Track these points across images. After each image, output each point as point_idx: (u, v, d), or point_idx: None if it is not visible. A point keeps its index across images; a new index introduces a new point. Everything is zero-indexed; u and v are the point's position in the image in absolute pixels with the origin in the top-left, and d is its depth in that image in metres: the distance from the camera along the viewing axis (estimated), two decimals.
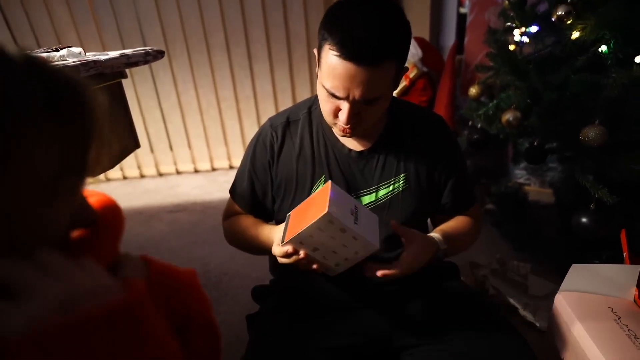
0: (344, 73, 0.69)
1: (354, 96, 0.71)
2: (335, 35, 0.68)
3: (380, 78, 0.70)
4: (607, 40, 1.02)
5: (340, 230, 0.66)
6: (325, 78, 0.72)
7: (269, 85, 2.55)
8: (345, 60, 0.68)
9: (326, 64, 0.71)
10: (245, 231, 0.92)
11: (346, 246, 0.69)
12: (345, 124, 0.75)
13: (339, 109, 0.75)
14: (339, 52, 0.68)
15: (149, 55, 1.04)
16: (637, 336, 0.82)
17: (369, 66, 0.68)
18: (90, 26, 2.24)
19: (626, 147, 1.06)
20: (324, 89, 0.74)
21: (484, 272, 1.33)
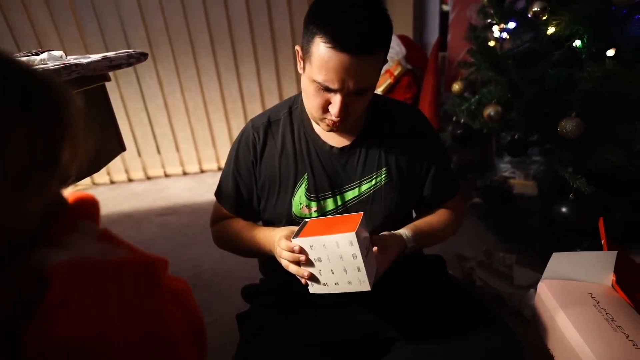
0: (339, 64, 0.69)
1: (348, 87, 0.72)
2: (327, 27, 0.68)
3: (373, 68, 0.73)
4: (581, 35, 1.06)
5: (352, 256, 0.68)
6: (317, 72, 0.73)
7: (255, 86, 2.55)
8: (339, 52, 0.68)
9: (318, 57, 0.71)
10: (239, 233, 0.92)
11: (346, 272, 0.70)
12: (337, 116, 0.76)
13: (328, 102, 0.76)
14: (333, 44, 0.68)
15: (132, 57, 1.04)
16: (614, 319, 0.85)
17: (363, 55, 0.69)
18: (72, 29, 2.21)
19: (601, 138, 1.10)
20: (314, 83, 0.75)
21: (471, 264, 1.36)
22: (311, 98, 0.78)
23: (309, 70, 0.75)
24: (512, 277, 1.30)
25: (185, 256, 1.75)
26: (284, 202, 0.89)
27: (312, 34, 0.71)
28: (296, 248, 0.72)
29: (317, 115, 0.80)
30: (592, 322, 0.85)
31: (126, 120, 2.48)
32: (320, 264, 0.71)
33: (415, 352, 0.87)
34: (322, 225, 0.74)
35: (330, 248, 0.69)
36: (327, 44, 0.69)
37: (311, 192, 0.87)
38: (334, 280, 0.72)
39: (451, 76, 2.15)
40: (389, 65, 2.13)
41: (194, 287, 1.52)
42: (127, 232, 2.01)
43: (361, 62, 0.70)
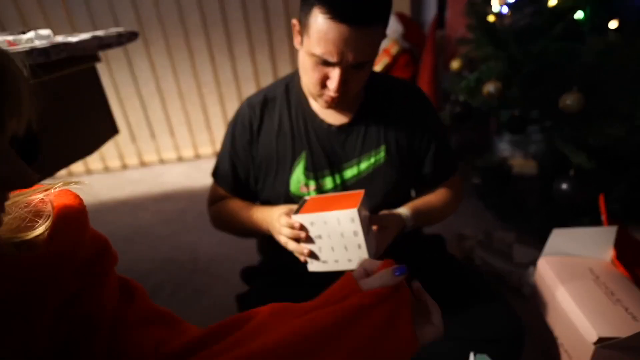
0: (338, 36, 0.68)
1: (347, 59, 0.71)
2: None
3: (372, 40, 0.71)
4: (583, 7, 1.03)
5: (353, 233, 0.67)
6: (315, 45, 0.71)
7: (249, 68, 2.50)
8: (339, 23, 0.67)
9: (316, 30, 0.69)
10: (236, 213, 0.91)
11: (346, 249, 0.70)
12: (336, 91, 0.75)
13: (327, 77, 0.74)
14: (332, 14, 0.67)
15: (122, 36, 1.00)
16: (614, 293, 0.85)
17: (362, 26, 0.68)
18: (59, 11, 2.14)
19: (602, 113, 1.08)
20: (312, 57, 0.73)
21: (471, 244, 1.36)
22: (309, 73, 0.76)
23: (307, 43, 0.73)
24: (511, 256, 1.31)
25: (182, 241, 1.74)
26: (282, 180, 0.88)
27: (310, 5, 0.69)
28: (296, 224, 0.71)
29: (315, 91, 0.78)
30: (592, 296, 0.86)
31: (119, 105, 2.44)
32: (321, 241, 0.70)
33: None
34: (322, 202, 0.73)
35: (331, 225, 0.68)
36: (325, 15, 0.67)
37: (309, 170, 0.86)
38: (334, 257, 0.71)
39: (449, 54, 2.11)
40: (385, 44, 2.09)
41: (192, 272, 1.52)
42: (123, 219, 1.99)
43: (361, 33, 0.68)
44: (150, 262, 1.60)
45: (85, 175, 2.60)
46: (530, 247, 1.33)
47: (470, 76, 1.32)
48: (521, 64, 1.20)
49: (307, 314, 0.44)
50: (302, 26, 0.74)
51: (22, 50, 0.78)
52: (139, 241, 1.78)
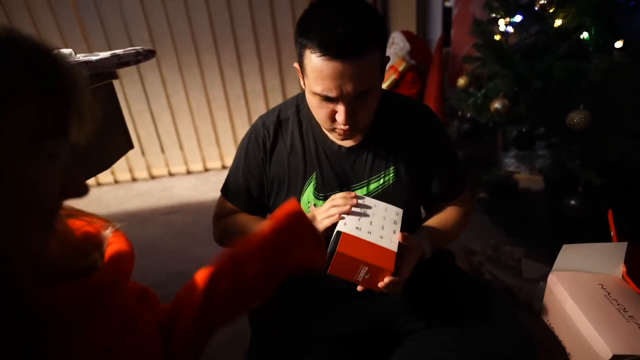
0: (332, 72, 0.69)
1: (347, 92, 0.71)
2: (313, 38, 0.68)
3: (368, 68, 0.71)
4: (588, 27, 1.05)
5: (394, 222, 0.78)
6: (313, 83, 0.72)
7: (258, 84, 2.55)
8: (330, 60, 0.68)
9: (312, 69, 0.71)
10: (247, 224, 0.91)
11: (383, 229, 0.76)
12: (344, 124, 0.75)
13: (334, 112, 0.75)
14: (322, 53, 0.68)
15: (140, 55, 1.04)
16: (626, 309, 0.85)
17: (354, 59, 0.68)
18: (75, 30, 2.21)
19: (609, 130, 1.09)
20: (315, 95, 0.74)
21: (479, 258, 1.36)
22: (317, 111, 0.78)
23: (308, 83, 0.75)
24: (520, 271, 1.30)
25: (191, 255, 1.75)
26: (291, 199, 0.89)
27: (302, 47, 0.71)
28: (352, 193, 0.77)
29: (327, 126, 0.80)
30: (604, 313, 0.85)
31: (130, 120, 2.49)
32: (363, 216, 0.77)
33: (426, 344, 0.87)
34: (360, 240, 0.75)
35: (378, 208, 0.78)
36: (316, 55, 0.69)
37: (319, 191, 0.87)
38: (369, 229, 0.75)
39: (455, 71, 2.14)
40: (393, 61, 2.13)
41: None
42: (131, 232, 2.00)
43: (355, 65, 0.69)
44: (159, 275, 1.60)
45: (96, 187, 2.63)
46: (539, 262, 1.32)
47: (478, 93, 1.34)
48: (528, 81, 1.22)
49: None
50: (301, 67, 0.75)
51: None
52: (147, 254, 1.79)
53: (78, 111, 0.37)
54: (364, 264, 0.70)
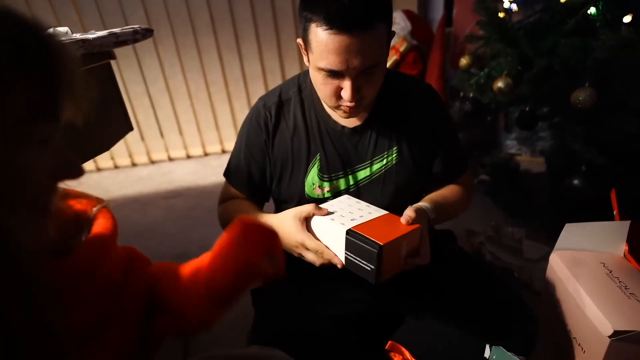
0: (339, 46, 0.67)
1: (354, 67, 0.70)
2: (319, 11, 0.66)
3: (375, 42, 0.70)
4: (596, 2, 1.03)
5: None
6: (319, 59, 0.71)
7: (257, 66, 2.52)
8: (337, 34, 0.66)
9: (317, 44, 0.69)
10: (238, 213, 0.91)
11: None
12: (350, 100, 0.74)
13: (340, 88, 0.74)
14: (328, 26, 0.66)
15: (137, 33, 1.02)
16: (628, 287, 0.85)
17: (362, 32, 0.67)
18: (70, 10, 2.17)
19: (613, 108, 1.08)
20: (320, 71, 0.73)
21: (480, 239, 1.36)
22: (321, 87, 0.76)
23: (312, 59, 0.73)
24: (521, 251, 1.31)
25: (192, 238, 1.75)
26: (296, 182, 0.88)
27: (307, 21, 0.70)
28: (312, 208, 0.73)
29: (331, 103, 0.78)
30: (606, 290, 0.86)
31: (129, 104, 2.46)
32: (345, 210, 0.75)
33: (428, 322, 0.88)
34: (375, 225, 0.71)
35: (340, 202, 0.77)
36: (322, 28, 0.67)
37: (324, 173, 0.87)
38: (361, 214, 0.73)
39: (457, 52, 2.11)
40: (394, 41, 2.09)
41: None
42: (133, 216, 2.01)
43: (362, 38, 0.67)
44: (160, 258, 1.58)
45: (96, 172, 2.62)
46: (540, 243, 1.33)
47: (481, 73, 1.32)
48: (532, 60, 1.20)
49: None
50: (305, 43, 0.74)
51: None
52: (148, 237, 1.79)
53: (71, 92, 0.36)
54: (401, 239, 0.66)
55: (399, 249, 0.67)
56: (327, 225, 0.71)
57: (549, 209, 1.46)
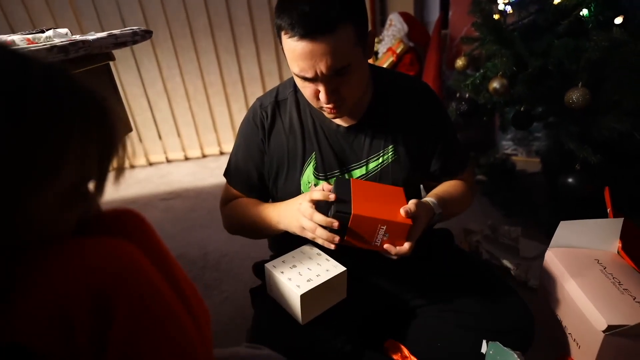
0: (303, 52, 0.69)
1: (321, 71, 0.70)
2: (286, 19, 0.68)
3: (340, 45, 0.69)
4: (588, 4, 1.05)
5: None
6: (291, 65, 0.73)
7: (255, 69, 2.53)
8: (300, 40, 0.68)
9: (287, 51, 0.71)
10: (248, 209, 0.91)
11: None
12: (327, 103, 0.75)
13: (318, 91, 0.75)
14: (292, 33, 0.68)
15: (136, 35, 1.03)
16: (621, 282, 0.87)
17: (322, 36, 0.67)
18: (68, 12, 2.17)
19: (607, 108, 1.10)
20: (297, 77, 0.75)
21: (477, 238, 1.37)
22: (303, 91, 0.78)
23: (290, 65, 0.75)
24: (517, 250, 1.32)
25: (192, 238, 1.76)
26: (292, 180, 0.89)
27: (278, 29, 0.72)
28: (335, 225, 0.71)
29: (314, 105, 0.80)
30: (600, 286, 0.87)
31: (127, 106, 2.46)
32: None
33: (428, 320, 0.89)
34: (374, 198, 0.75)
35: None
36: (288, 36, 0.69)
37: (319, 171, 0.88)
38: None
39: (453, 53, 2.13)
40: (391, 43, 2.11)
41: (203, 268, 1.53)
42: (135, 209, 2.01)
43: (325, 42, 0.68)
44: None
45: None
46: (536, 241, 1.34)
47: (476, 73, 1.34)
48: (526, 61, 1.21)
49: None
50: (283, 51, 0.75)
51: (43, 48, 0.81)
52: None
53: (113, 154, 0.39)
54: (381, 222, 0.70)
55: (374, 229, 0.71)
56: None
57: (544, 208, 1.47)
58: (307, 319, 0.77)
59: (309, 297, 0.73)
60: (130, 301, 0.36)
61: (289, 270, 0.77)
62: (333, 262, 0.80)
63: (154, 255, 0.43)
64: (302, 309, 0.73)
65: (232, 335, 1.17)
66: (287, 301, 0.77)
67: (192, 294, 0.48)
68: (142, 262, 0.40)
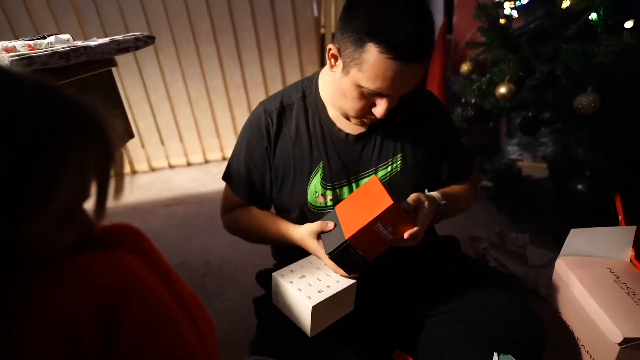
0: (395, 74, 0.69)
1: (400, 91, 0.73)
2: (384, 36, 0.67)
3: (422, 69, 0.73)
4: (597, 8, 1.03)
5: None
6: (367, 79, 0.71)
7: (258, 73, 2.52)
8: (397, 63, 0.68)
9: (372, 66, 0.70)
10: (258, 224, 0.91)
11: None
12: (383, 117, 0.77)
13: (373, 104, 0.77)
14: (391, 54, 0.67)
15: (139, 40, 1.01)
16: (636, 293, 0.84)
17: (419, 63, 0.70)
18: (71, 18, 2.17)
19: (617, 113, 1.08)
20: (360, 88, 0.74)
21: (484, 245, 1.35)
22: (354, 101, 0.77)
23: (356, 76, 0.73)
24: (525, 257, 1.30)
25: (194, 245, 1.74)
26: (299, 190, 0.87)
27: (363, 40, 0.69)
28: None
29: (356, 115, 0.80)
30: (614, 296, 0.85)
31: (129, 111, 2.45)
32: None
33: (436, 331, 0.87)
34: (354, 210, 0.75)
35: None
36: (385, 54, 0.68)
37: (327, 181, 0.86)
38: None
39: (457, 59, 2.12)
40: None
41: (205, 275, 1.51)
42: (134, 224, 1.99)
43: (416, 68, 0.71)
44: None
45: None
46: (544, 249, 1.32)
47: (483, 78, 1.32)
48: (533, 65, 1.20)
49: None
50: (346, 56, 0.73)
51: (44, 54, 0.79)
52: None
53: (113, 167, 0.38)
54: (372, 222, 0.69)
55: (373, 232, 0.70)
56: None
57: (552, 214, 1.45)
58: (316, 331, 0.74)
59: (319, 309, 0.71)
60: (135, 316, 0.36)
61: (298, 280, 0.75)
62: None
63: (157, 270, 0.42)
64: (312, 321, 0.71)
65: (234, 344, 1.15)
66: (295, 312, 0.75)
67: (195, 307, 0.46)
68: (147, 277, 0.39)
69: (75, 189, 0.34)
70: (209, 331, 0.47)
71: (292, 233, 0.84)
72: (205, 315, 0.48)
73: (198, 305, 0.48)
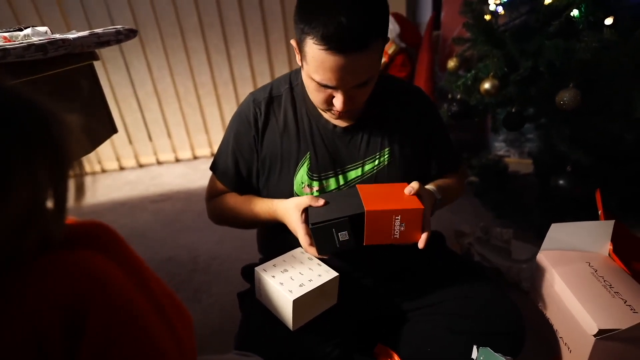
0: (333, 65, 0.67)
1: (347, 83, 0.71)
2: (316, 28, 0.65)
3: (370, 60, 0.70)
4: (579, 4, 1.04)
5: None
6: (313, 72, 0.71)
7: (247, 69, 2.50)
8: (332, 54, 0.66)
9: (312, 58, 0.69)
10: (239, 207, 0.90)
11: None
12: (342, 109, 0.75)
13: (332, 96, 0.75)
14: (324, 46, 0.66)
15: (120, 34, 1.00)
16: (612, 286, 0.86)
17: (357, 53, 0.67)
18: (54, 11, 2.13)
19: (598, 109, 1.09)
20: (313, 81, 0.73)
21: (469, 240, 1.36)
22: (314, 93, 0.77)
23: (307, 68, 0.73)
24: (509, 252, 1.31)
25: (181, 241, 1.73)
26: (285, 180, 0.87)
27: (303, 33, 0.68)
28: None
29: (322, 107, 0.79)
30: (591, 289, 0.86)
31: (116, 107, 2.42)
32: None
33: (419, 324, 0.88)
34: (379, 196, 0.76)
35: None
36: (318, 46, 0.66)
37: (313, 172, 0.86)
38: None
39: (445, 54, 2.12)
40: None
41: (192, 271, 1.51)
42: (121, 220, 1.98)
43: (357, 58, 0.67)
44: (149, 262, 1.56)
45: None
46: (528, 243, 1.33)
47: (468, 74, 1.33)
48: (518, 61, 1.21)
49: None
50: (300, 49, 0.73)
51: (19, 46, 0.78)
52: (137, 241, 1.76)
53: (60, 170, 0.37)
54: (395, 213, 0.70)
55: (389, 221, 0.71)
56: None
57: (537, 210, 1.47)
58: (298, 324, 0.75)
59: (301, 303, 0.71)
60: (100, 315, 0.36)
61: (280, 275, 0.75)
62: (325, 267, 0.78)
63: (127, 267, 0.42)
64: (293, 315, 0.72)
65: (221, 339, 1.15)
66: (277, 306, 0.75)
67: (169, 304, 0.46)
68: (112, 275, 0.39)
69: (28, 193, 0.33)
70: (183, 325, 0.47)
71: (277, 205, 0.83)
72: (180, 309, 0.48)
73: (172, 303, 0.47)
